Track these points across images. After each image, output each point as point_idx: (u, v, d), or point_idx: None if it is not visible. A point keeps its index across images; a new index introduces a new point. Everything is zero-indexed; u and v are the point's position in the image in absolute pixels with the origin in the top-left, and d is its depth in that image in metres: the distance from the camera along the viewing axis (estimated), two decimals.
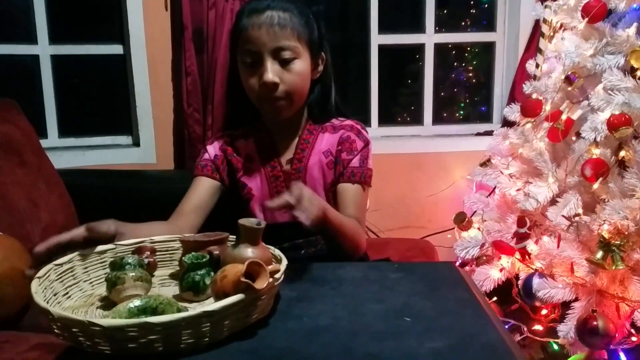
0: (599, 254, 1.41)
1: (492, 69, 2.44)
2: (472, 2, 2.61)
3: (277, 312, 0.77)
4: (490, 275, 1.72)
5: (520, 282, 1.65)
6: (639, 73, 1.49)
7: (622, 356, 1.48)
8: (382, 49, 2.37)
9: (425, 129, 2.46)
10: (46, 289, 0.77)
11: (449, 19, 2.55)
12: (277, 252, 0.84)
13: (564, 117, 1.64)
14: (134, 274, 0.80)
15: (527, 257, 1.65)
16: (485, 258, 1.78)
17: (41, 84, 2.19)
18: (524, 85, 1.87)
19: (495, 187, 1.94)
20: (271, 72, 1.08)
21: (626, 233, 1.40)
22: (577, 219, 1.52)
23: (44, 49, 2.17)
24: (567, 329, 1.50)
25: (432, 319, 0.76)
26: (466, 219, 1.97)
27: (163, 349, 0.64)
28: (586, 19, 1.64)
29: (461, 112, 2.67)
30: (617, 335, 1.43)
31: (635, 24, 1.55)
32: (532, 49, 2.12)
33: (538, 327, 1.67)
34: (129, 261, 0.84)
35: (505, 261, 1.73)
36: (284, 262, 0.79)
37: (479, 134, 2.40)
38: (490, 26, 2.44)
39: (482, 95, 2.60)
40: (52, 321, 0.66)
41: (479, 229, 1.92)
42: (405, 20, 2.56)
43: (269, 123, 1.22)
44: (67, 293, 0.83)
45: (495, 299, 1.75)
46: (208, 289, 0.80)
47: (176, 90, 2.15)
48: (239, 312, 0.68)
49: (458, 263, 1.84)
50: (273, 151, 1.22)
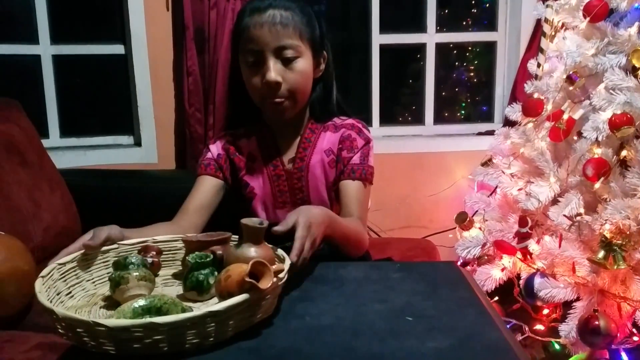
0: (601, 254, 1.41)
1: (494, 68, 2.43)
2: (473, 2, 2.61)
3: (279, 311, 0.77)
4: (492, 275, 1.73)
5: (521, 282, 1.65)
6: None
7: (624, 356, 1.48)
8: (383, 48, 2.37)
9: (426, 128, 2.46)
10: (49, 288, 0.77)
11: (450, 18, 2.55)
12: (280, 252, 0.83)
13: (565, 116, 1.64)
14: (137, 273, 0.80)
15: (528, 256, 1.65)
16: (486, 258, 1.78)
17: (43, 84, 2.19)
18: (525, 85, 1.87)
19: (496, 187, 1.95)
20: (274, 71, 1.08)
21: (628, 233, 1.40)
22: (578, 218, 1.52)
23: (45, 49, 2.18)
24: (568, 328, 1.51)
25: (434, 319, 0.76)
26: (467, 219, 1.97)
27: (168, 349, 0.64)
28: (588, 19, 1.64)
29: (462, 111, 2.67)
30: (618, 334, 1.44)
31: (636, 24, 1.55)
32: (534, 48, 2.12)
33: (539, 327, 1.67)
34: (133, 261, 0.84)
35: (506, 261, 1.73)
36: (287, 261, 0.79)
37: (480, 133, 2.40)
38: (492, 26, 2.43)
39: (483, 94, 2.60)
40: (57, 321, 0.66)
41: (480, 228, 1.92)
42: (406, 19, 2.56)
43: (271, 122, 1.22)
44: (70, 292, 0.82)
45: (496, 298, 1.75)
46: (212, 288, 0.80)
47: (177, 90, 2.15)
48: (244, 311, 0.68)
49: (459, 263, 1.84)
50: (275, 150, 1.22)
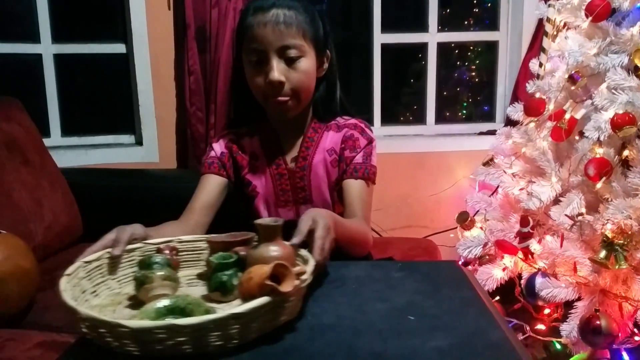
0: (602, 254, 1.41)
1: (495, 68, 2.43)
2: (475, 1, 2.61)
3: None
4: (493, 275, 1.73)
5: (523, 282, 1.65)
6: None
7: (625, 355, 1.48)
8: (385, 48, 2.37)
9: (428, 128, 2.46)
10: (74, 286, 0.76)
11: (452, 18, 2.55)
12: (304, 252, 0.81)
13: (567, 116, 1.64)
14: (162, 273, 0.80)
15: (530, 256, 1.65)
16: (488, 257, 1.78)
17: (44, 82, 2.19)
18: (527, 85, 1.87)
19: (498, 187, 1.94)
20: (277, 70, 1.08)
21: (629, 232, 1.40)
22: (580, 218, 1.52)
23: (46, 48, 2.18)
24: (569, 328, 1.50)
25: (435, 318, 0.75)
26: (469, 219, 1.97)
27: (192, 350, 0.63)
28: (590, 18, 1.64)
29: (464, 111, 2.67)
30: (619, 334, 1.43)
31: (639, 23, 1.54)
32: (536, 48, 2.11)
33: (541, 327, 1.67)
34: (157, 260, 0.83)
35: (508, 260, 1.73)
36: (311, 262, 0.77)
37: (481, 133, 2.40)
38: (494, 25, 2.43)
39: (485, 94, 2.60)
40: (80, 320, 0.65)
41: (481, 228, 1.92)
42: (408, 19, 2.56)
43: (274, 121, 1.22)
44: (95, 291, 0.82)
45: (497, 298, 1.75)
46: (235, 289, 0.79)
47: (179, 89, 2.15)
48: (267, 314, 0.68)
49: (461, 262, 1.84)
50: (278, 149, 1.22)
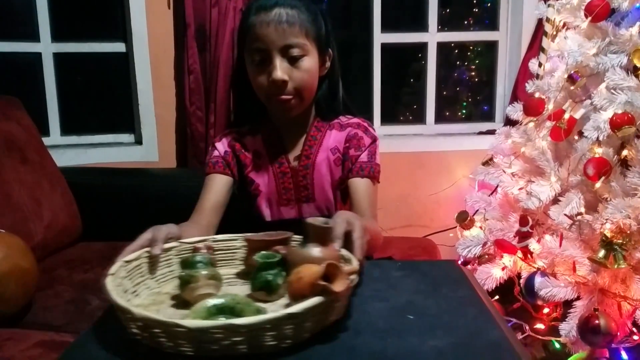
0: (601, 253, 1.41)
1: (495, 67, 2.43)
2: (474, 1, 2.61)
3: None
4: (492, 274, 1.73)
5: (522, 281, 1.65)
6: None
7: (624, 355, 1.48)
8: (384, 47, 2.37)
9: (427, 127, 2.46)
10: (117, 286, 0.75)
11: (451, 17, 2.55)
12: (345, 252, 0.80)
13: (566, 116, 1.64)
14: (206, 272, 0.80)
15: (529, 255, 1.65)
16: (487, 257, 1.78)
17: (44, 81, 2.19)
18: (526, 84, 1.87)
19: (497, 186, 1.95)
20: (280, 69, 1.08)
21: (628, 232, 1.40)
22: (579, 217, 1.52)
23: (46, 47, 2.18)
24: (568, 327, 1.51)
25: (435, 317, 0.76)
26: (468, 218, 1.97)
27: (246, 350, 0.63)
28: (589, 18, 1.64)
29: (463, 111, 2.67)
30: (618, 333, 1.44)
31: (638, 23, 1.54)
32: (535, 47, 2.11)
33: (540, 326, 1.67)
34: (200, 259, 0.83)
35: (507, 260, 1.73)
36: (355, 262, 0.77)
37: (481, 132, 2.40)
38: (493, 25, 2.43)
39: (484, 94, 2.60)
40: (132, 320, 0.64)
41: (481, 227, 1.92)
42: (408, 19, 2.56)
43: (277, 120, 1.22)
44: (135, 291, 0.82)
45: (497, 297, 1.75)
46: (280, 288, 0.79)
47: (179, 88, 2.15)
48: (319, 313, 0.68)
49: (460, 262, 1.84)
50: (281, 148, 1.22)
